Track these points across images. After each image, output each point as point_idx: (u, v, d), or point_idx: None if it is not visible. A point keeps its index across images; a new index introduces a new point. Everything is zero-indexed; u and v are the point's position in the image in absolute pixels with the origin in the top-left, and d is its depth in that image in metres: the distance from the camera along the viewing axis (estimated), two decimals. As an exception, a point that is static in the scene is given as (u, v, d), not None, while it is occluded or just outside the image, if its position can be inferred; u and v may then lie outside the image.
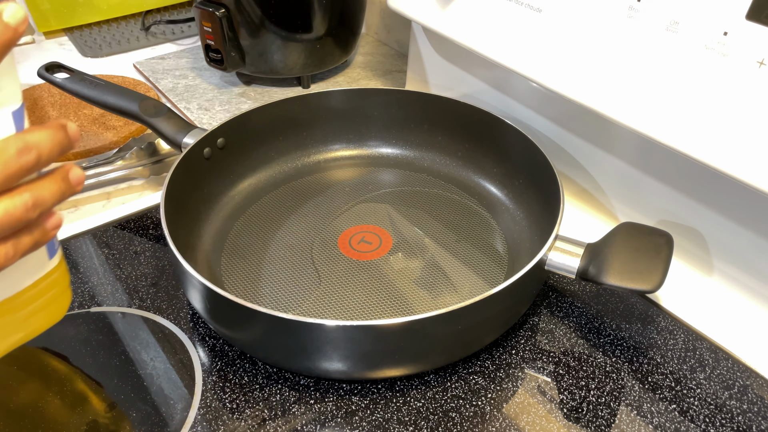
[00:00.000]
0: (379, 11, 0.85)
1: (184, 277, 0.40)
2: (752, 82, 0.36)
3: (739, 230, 0.45)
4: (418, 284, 0.46)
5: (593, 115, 0.49)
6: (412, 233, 0.51)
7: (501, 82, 0.59)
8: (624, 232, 0.42)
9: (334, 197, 0.55)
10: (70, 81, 0.55)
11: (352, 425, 0.38)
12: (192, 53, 0.83)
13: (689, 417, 0.39)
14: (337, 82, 0.77)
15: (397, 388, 0.40)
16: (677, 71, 0.40)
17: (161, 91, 0.74)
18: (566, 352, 0.42)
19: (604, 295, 0.47)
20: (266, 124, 0.56)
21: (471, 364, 0.42)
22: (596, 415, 0.39)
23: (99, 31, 0.89)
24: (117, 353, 0.42)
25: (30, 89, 0.72)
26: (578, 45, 0.45)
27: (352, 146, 0.60)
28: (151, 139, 0.57)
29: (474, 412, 0.39)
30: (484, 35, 0.52)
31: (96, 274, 0.48)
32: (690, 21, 0.38)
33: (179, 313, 0.45)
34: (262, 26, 0.66)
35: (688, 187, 0.47)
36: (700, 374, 0.41)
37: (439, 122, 0.58)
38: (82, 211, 0.55)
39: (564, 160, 0.56)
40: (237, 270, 0.47)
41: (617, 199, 0.53)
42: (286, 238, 0.50)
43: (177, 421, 0.38)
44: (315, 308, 0.44)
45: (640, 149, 0.49)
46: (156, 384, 0.40)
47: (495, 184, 0.56)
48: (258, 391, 0.40)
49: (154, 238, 0.52)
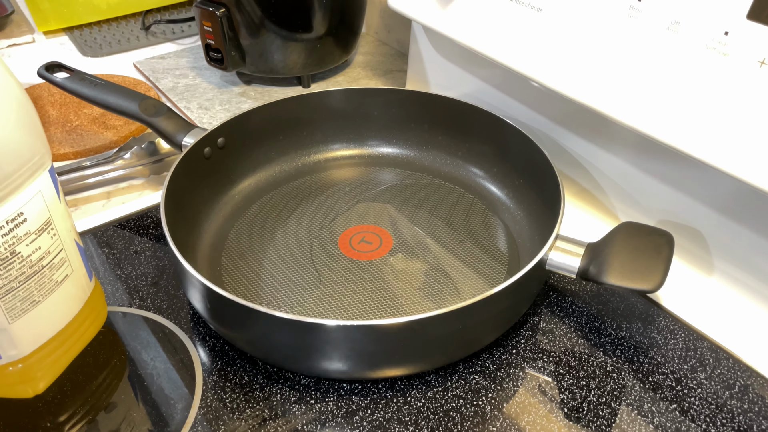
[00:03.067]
0: (379, 11, 0.85)
1: (184, 276, 0.40)
2: (753, 82, 0.36)
3: (740, 230, 0.45)
4: (418, 284, 0.46)
5: (594, 115, 0.49)
6: (412, 233, 0.51)
7: (501, 82, 0.59)
8: (624, 231, 0.42)
9: (334, 197, 0.55)
10: (70, 80, 0.55)
11: (353, 425, 0.38)
12: (192, 53, 0.83)
13: (690, 417, 0.39)
14: (338, 81, 0.77)
15: (398, 387, 0.40)
16: (678, 71, 0.40)
17: (161, 90, 0.74)
18: (567, 352, 0.42)
19: (605, 295, 0.47)
20: (266, 123, 0.56)
21: (471, 363, 0.42)
22: (597, 415, 0.38)
23: (99, 30, 0.89)
24: (117, 353, 0.42)
25: (30, 89, 0.72)
26: (579, 44, 0.45)
27: (353, 146, 0.60)
28: (151, 139, 0.57)
29: (474, 411, 0.39)
30: (485, 34, 0.52)
31: (96, 274, 0.48)
32: (691, 21, 0.38)
33: (179, 313, 0.45)
34: (263, 26, 0.66)
35: (689, 186, 0.47)
36: (701, 374, 0.41)
37: (439, 122, 0.58)
38: (82, 210, 0.55)
39: (564, 160, 0.56)
40: (237, 270, 0.47)
41: (617, 199, 0.53)
42: (286, 238, 0.50)
43: (177, 421, 0.38)
44: (315, 308, 0.44)
45: (640, 149, 0.49)
46: (156, 384, 0.40)
47: (495, 183, 0.56)
48: (258, 391, 0.40)
49: (154, 237, 0.52)
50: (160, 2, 0.94)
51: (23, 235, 0.34)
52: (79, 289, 0.40)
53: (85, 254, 0.40)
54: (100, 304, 0.43)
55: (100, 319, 0.43)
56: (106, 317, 0.43)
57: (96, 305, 0.42)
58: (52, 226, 0.36)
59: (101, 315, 0.43)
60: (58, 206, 0.37)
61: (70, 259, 0.38)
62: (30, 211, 0.34)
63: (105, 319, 0.43)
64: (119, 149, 0.57)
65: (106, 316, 0.44)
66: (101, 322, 0.43)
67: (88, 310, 0.41)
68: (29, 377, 0.38)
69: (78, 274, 0.39)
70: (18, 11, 0.93)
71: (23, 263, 0.34)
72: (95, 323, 0.42)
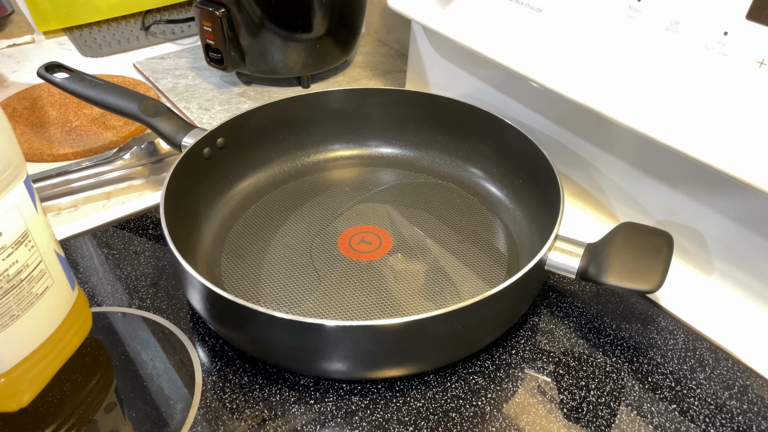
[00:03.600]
0: (379, 11, 0.85)
1: (184, 277, 0.40)
2: (752, 82, 0.36)
3: (739, 230, 0.45)
4: (417, 284, 0.46)
5: (593, 115, 0.49)
6: (412, 233, 0.51)
7: (501, 82, 0.59)
8: (624, 232, 0.42)
9: (333, 197, 0.55)
10: (69, 81, 0.55)
11: (352, 425, 0.38)
12: (192, 53, 0.83)
13: (689, 417, 0.39)
14: (337, 81, 0.77)
15: (397, 388, 0.40)
16: (677, 71, 0.40)
17: (161, 90, 0.74)
18: (566, 352, 0.42)
19: (604, 295, 0.47)
20: (266, 123, 0.56)
21: (471, 364, 0.42)
22: (596, 415, 0.39)
23: (99, 30, 0.89)
24: (117, 353, 0.42)
25: (30, 89, 0.72)
26: (578, 45, 0.45)
27: (352, 146, 0.60)
28: (151, 139, 0.57)
29: (474, 412, 0.39)
30: (484, 35, 0.52)
31: (96, 274, 0.48)
32: (690, 21, 0.38)
33: (179, 313, 0.45)
34: (262, 26, 0.66)
35: (688, 187, 0.47)
36: (700, 374, 0.41)
37: (439, 122, 0.58)
38: (81, 210, 0.55)
39: (564, 160, 0.56)
40: (237, 270, 0.47)
41: (617, 199, 0.53)
42: (286, 238, 0.50)
43: (177, 421, 0.38)
44: (315, 308, 0.44)
45: (640, 149, 0.49)
46: (156, 384, 0.40)
47: (495, 183, 0.56)
48: (258, 391, 0.40)
49: (154, 238, 0.52)
50: (160, 2, 0.94)
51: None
52: (61, 299, 0.39)
53: (67, 263, 0.39)
54: (85, 313, 0.42)
55: (85, 327, 0.42)
56: (90, 326, 0.43)
57: (80, 314, 0.41)
58: (30, 238, 0.35)
59: (86, 324, 0.42)
60: (36, 217, 0.35)
61: (50, 270, 0.37)
62: (4, 225, 0.33)
63: (90, 327, 0.42)
64: (119, 149, 0.57)
65: (90, 324, 0.43)
66: (86, 331, 0.42)
67: (71, 320, 0.40)
68: (13, 391, 0.37)
69: (59, 285, 0.38)
70: (18, 11, 0.93)
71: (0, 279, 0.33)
72: (80, 332, 0.41)
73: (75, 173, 0.54)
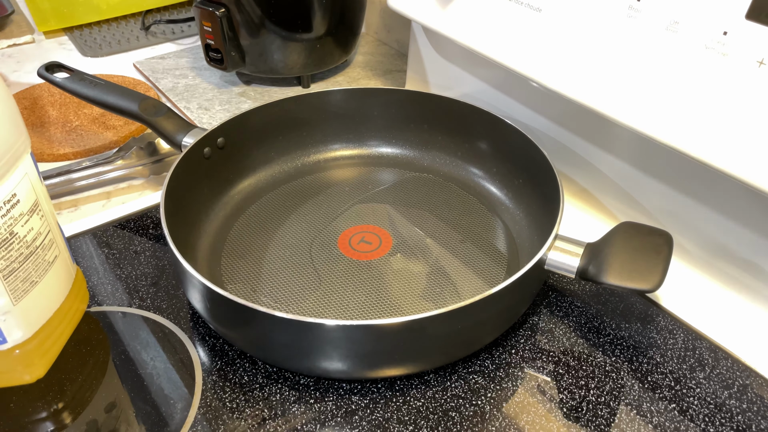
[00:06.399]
0: (379, 11, 0.85)
1: (184, 276, 0.40)
2: (752, 82, 0.36)
3: (739, 230, 0.45)
4: (417, 284, 0.46)
5: (593, 115, 0.50)
6: (411, 233, 0.51)
7: (501, 82, 0.59)
8: (624, 231, 0.42)
9: (333, 197, 0.55)
10: (69, 81, 0.55)
11: (352, 425, 0.38)
12: (192, 53, 0.83)
13: (689, 416, 0.39)
14: (337, 81, 0.77)
15: (397, 387, 0.40)
16: (677, 71, 0.40)
17: (161, 90, 0.74)
18: (566, 352, 0.42)
19: (604, 295, 0.47)
20: (266, 123, 0.56)
21: (471, 363, 0.42)
22: (596, 415, 0.39)
23: (99, 30, 0.89)
24: (117, 353, 0.42)
25: (30, 89, 0.72)
26: (578, 45, 0.45)
27: (352, 146, 0.60)
28: (151, 139, 0.57)
29: (474, 411, 0.39)
30: (484, 35, 0.52)
31: (96, 274, 0.48)
32: (690, 21, 0.38)
33: (179, 313, 0.45)
34: (262, 26, 0.66)
35: (688, 186, 0.47)
36: (700, 373, 0.41)
37: (439, 122, 0.58)
38: (81, 210, 0.55)
39: (564, 160, 0.56)
40: (237, 270, 0.47)
41: (617, 199, 0.53)
42: (286, 238, 0.50)
43: (177, 421, 0.38)
44: (315, 308, 0.44)
45: (640, 149, 0.49)
46: (156, 384, 0.40)
47: (495, 183, 0.56)
48: (258, 391, 0.40)
49: (154, 237, 0.52)
50: (160, 2, 0.94)
51: (18, 216, 0.35)
52: (66, 270, 0.41)
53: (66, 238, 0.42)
54: (83, 289, 0.44)
55: (84, 302, 0.44)
56: (88, 300, 0.45)
57: (80, 288, 0.44)
58: (40, 207, 0.37)
59: (84, 298, 0.44)
60: (42, 188, 0.38)
61: (57, 240, 0.40)
62: (21, 193, 0.35)
63: (87, 301, 0.45)
64: (119, 149, 0.57)
65: (88, 299, 0.45)
66: (85, 305, 0.44)
67: (75, 292, 0.42)
68: (28, 363, 0.39)
69: (64, 255, 0.41)
70: (18, 11, 0.93)
71: (21, 244, 0.35)
72: (81, 306, 0.44)
73: (75, 173, 0.54)
